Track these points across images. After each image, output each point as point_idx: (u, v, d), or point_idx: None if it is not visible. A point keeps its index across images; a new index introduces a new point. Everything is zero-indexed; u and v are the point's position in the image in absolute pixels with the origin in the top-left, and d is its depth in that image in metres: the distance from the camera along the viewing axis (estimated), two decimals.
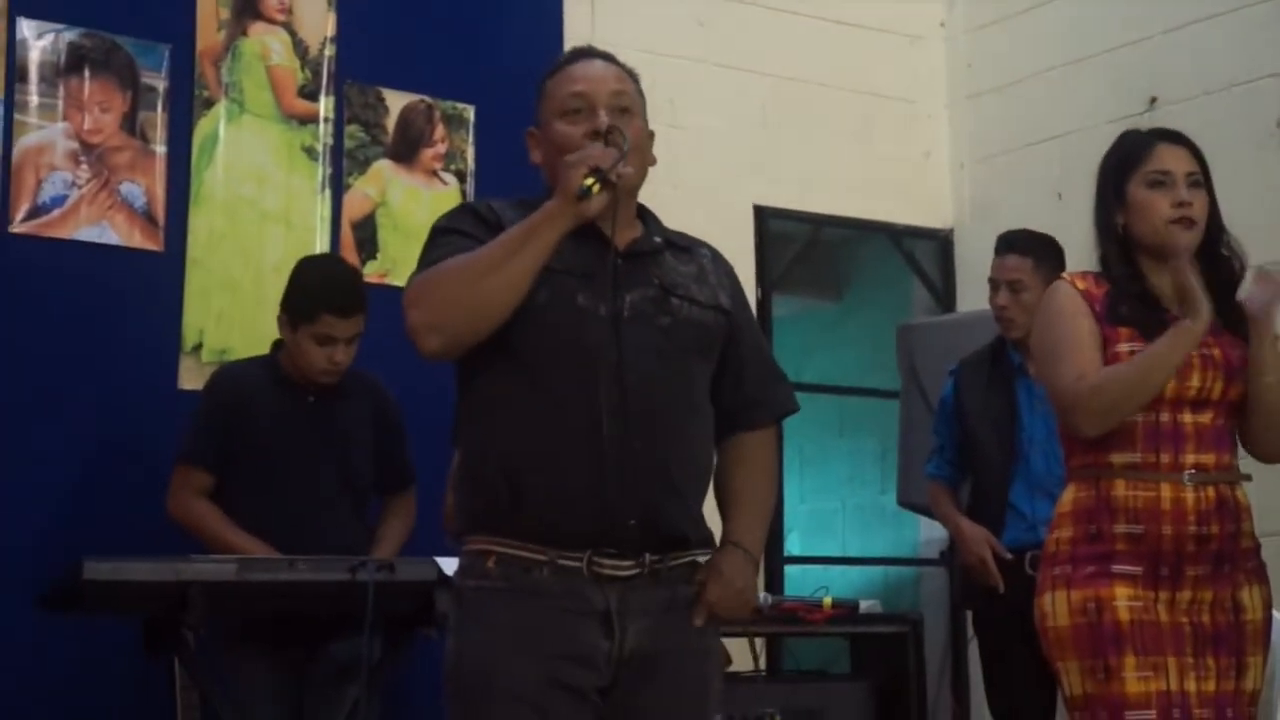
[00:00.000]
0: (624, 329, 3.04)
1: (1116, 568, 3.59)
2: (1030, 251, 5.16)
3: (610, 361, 3.00)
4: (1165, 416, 3.62)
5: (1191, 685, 3.57)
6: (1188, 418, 3.63)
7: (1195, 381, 3.62)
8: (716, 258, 3.29)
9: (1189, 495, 3.60)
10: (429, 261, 3.06)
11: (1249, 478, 3.71)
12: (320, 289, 4.86)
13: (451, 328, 2.98)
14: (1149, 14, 6.63)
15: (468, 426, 3.14)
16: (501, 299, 2.96)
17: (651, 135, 3.22)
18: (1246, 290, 3.65)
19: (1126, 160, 3.77)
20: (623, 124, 3.09)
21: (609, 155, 2.97)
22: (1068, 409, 3.64)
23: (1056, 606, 3.65)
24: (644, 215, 3.24)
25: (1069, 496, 3.71)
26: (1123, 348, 3.64)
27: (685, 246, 3.25)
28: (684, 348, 3.11)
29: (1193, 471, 3.61)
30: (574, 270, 3.04)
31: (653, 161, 3.21)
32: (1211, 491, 3.62)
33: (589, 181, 2.92)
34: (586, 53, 3.25)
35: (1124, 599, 3.57)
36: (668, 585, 3.06)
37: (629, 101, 3.16)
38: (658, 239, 3.19)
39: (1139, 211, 3.71)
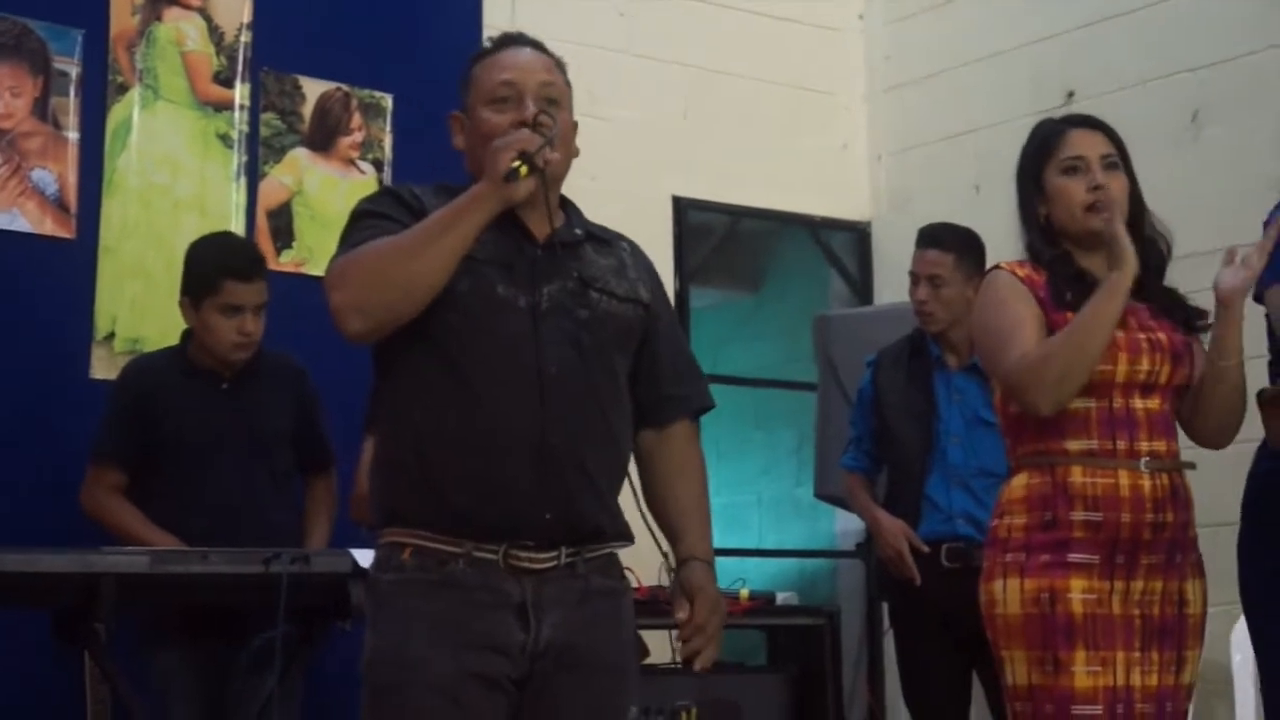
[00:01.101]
0: (542, 320, 3.04)
1: (1073, 556, 3.57)
2: (952, 247, 5.15)
3: (529, 353, 3.00)
4: (1118, 402, 3.62)
5: (1136, 679, 3.58)
6: (1139, 403, 3.63)
7: (1145, 365, 3.62)
8: (636, 251, 3.29)
9: (1146, 482, 3.60)
10: (351, 244, 3.04)
11: (1194, 466, 3.72)
12: (217, 258, 4.85)
13: (375, 309, 2.96)
14: (1066, 9, 6.67)
15: (385, 415, 3.13)
16: (426, 281, 2.94)
17: (575, 126, 3.21)
18: (1221, 271, 3.63)
19: (1041, 149, 3.77)
20: (550, 115, 3.08)
21: (535, 140, 2.96)
22: (1021, 388, 3.60)
23: (1008, 594, 3.62)
24: (566, 207, 3.23)
25: (1020, 483, 3.68)
26: None
27: (606, 239, 3.24)
28: (602, 340, 3.09)
29: (1149, 458, 3.61)
30: (495, 260, 3.03)
31: (576, 153, 3.20)
32: (1166, 479, 3.63)
33: (516, 164, 2.92)
34: (517, 40, 3.22)
35: (1079, 591, 3.56)
36: (583, 577, 3.06)
37: (557, 93, 3.14)
38: (579, 231, 3.19)
39: (1057, 199, 3.72)
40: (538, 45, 3.22)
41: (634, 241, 3.32)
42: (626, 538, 3.16)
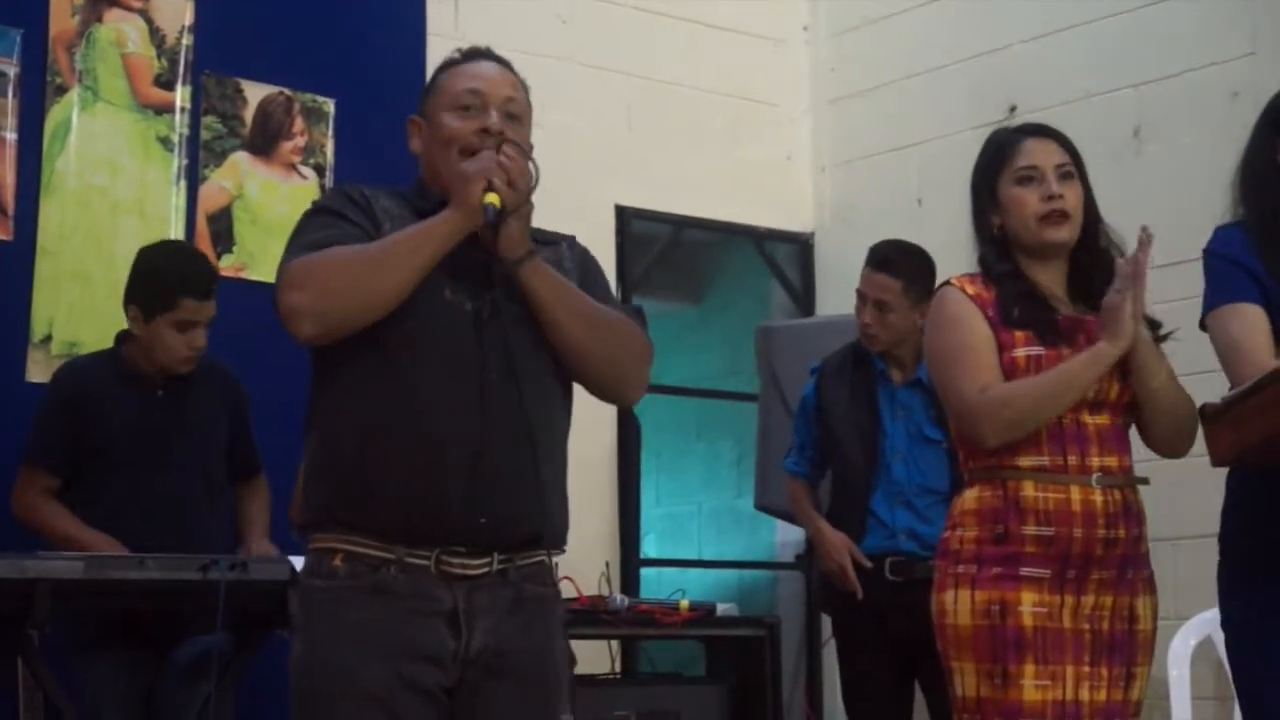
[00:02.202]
0: (485, 326, 3.03)
1: (1025, 570, 3.58)
2: (901, 272, 5.08)
3: (470, 358, 3.01)
4: (1067, 419, 3.62)
5: (1085, 694, 3.58)
6: (1089, 419, 3.64)
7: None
8: (574, 247, 3.31)
9: (1098, 498, 3.60)
10: (306, 242, 3.03)
11: (1147, 481, 3.73)
12: (177, 275, 4.81)
13: (332, 317, 2.96)
14: (1009, 23, 6.69)
15: (321, 417, 3.10)
16: (386, 298, 2.96)
17: (531, 147, 3.21)
18: (1107, 299, 3.65)
19: (996, 158, 3.77)
20: (512, 130, 3.10)
21: (504, 166, 2.99)
22: (972, 421, 3.62)
23: (958, 605, 3.62)
24: None
25: (972, 495, 3.68)
26: (1019, 352, 3.63)
27: (548, 241, 3.24)
28: (541, 344, 3.09)
29: (1100, 474, 3.61)
30: (443, 265, 3.02)
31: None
32: (1118, 494, 3.63)
33: (491, 199, 2.96)
34: (485, 54, 3.24)
35: (1029, 604, 3.56)
36: (515, 584, 3.05)
37: (519, 109, 3.16)
38: None
39: (1011, 210, 3.71)
40: (505, 63, 3.23)
41: (574, 238, 3.33)
42: (560, 545, 3.14)
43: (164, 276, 4.81)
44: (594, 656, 5.83)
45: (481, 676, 3.01)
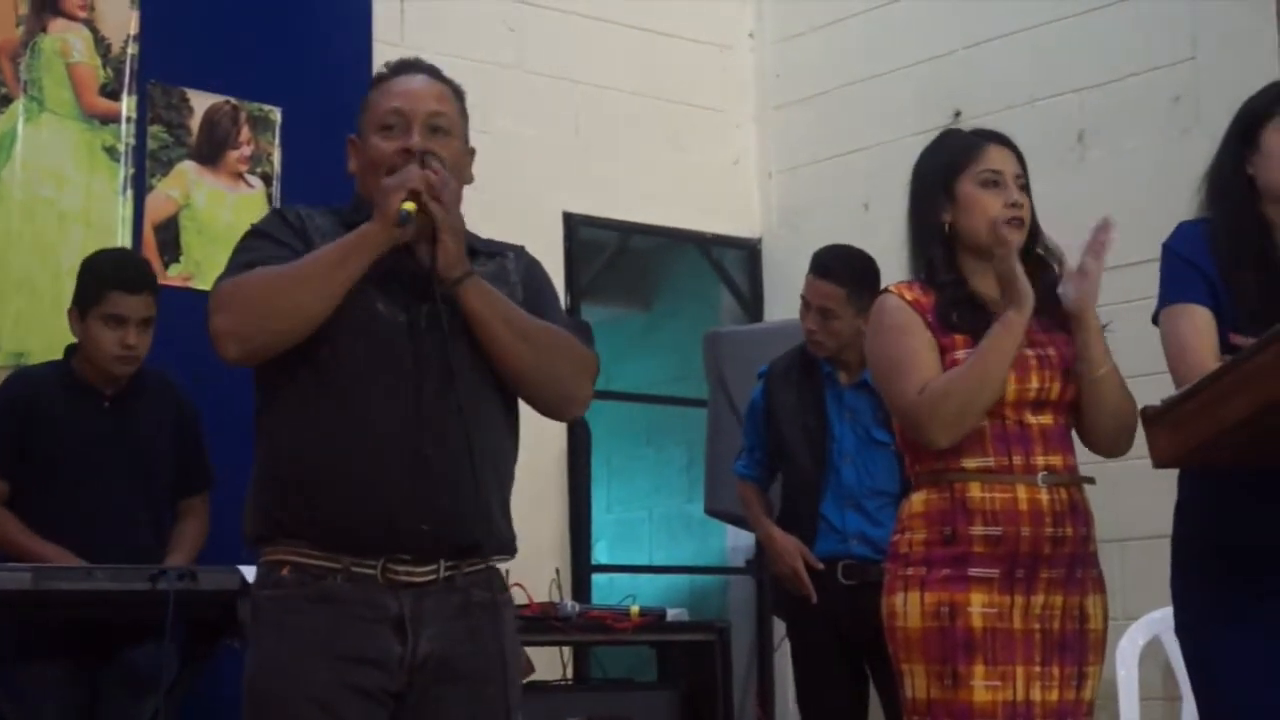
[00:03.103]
0: (421, 336, 3.05)
1: (973, 571, 3.59)
2: (845, 279, 5.09)
3: (406, 368, 3.03)
4: (1011, 419, 3.65)
5: (1036, 694, 3.59)
6: (1032, 419, 3.66)
7: (1035, 382, 3.66)
8: (521, 255, 3.31)
9: (1044, 497, 3.62)
10: (236, 265, 3.06)
11: (1093, 480, 3.75)
12: (105, 269, 4.85)
13: (255, 338, 2.99)
14: (953, 28, 6.72)
15: (264, 432, 3.13)
16: (308, 314, 2.98)
17: (472, 153, 3.23)
18: (1062, 286, 3.68)
19: (958, 158, 3.77)
20: (437, 143, 3.11)
21: (426, 179, 2.99)
22: (918, 423, 3.63)
23: (908, 608, 3.63)
24: None
25: (919, 499, 3.69)
26: (959, 355, 3.65)
27: (495, 252, 3.26)
28: (480, 351, 3.10)
29: (1045, 473, 3.64)
30: (374, 278, 3.04)
31: (470, 179, 3.22)
32: (1064, 493, 3.65)
33: (408, 206, 2.96)
34: (411, 66, 3.24)
35: (979, 605, 3.58)
36: (463, 590, 3.07)
37: (446, 122, 3.16)
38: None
39: (969, 209, 3.71)
40: (433, 72, 3.23)
41: (521, 247, 3.34)
42: (508, 551, 3.17)
43: (94, 272, 4.84)
44: (545, 663, 5.83)
45: (430, 682, 3.03)
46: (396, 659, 3.01)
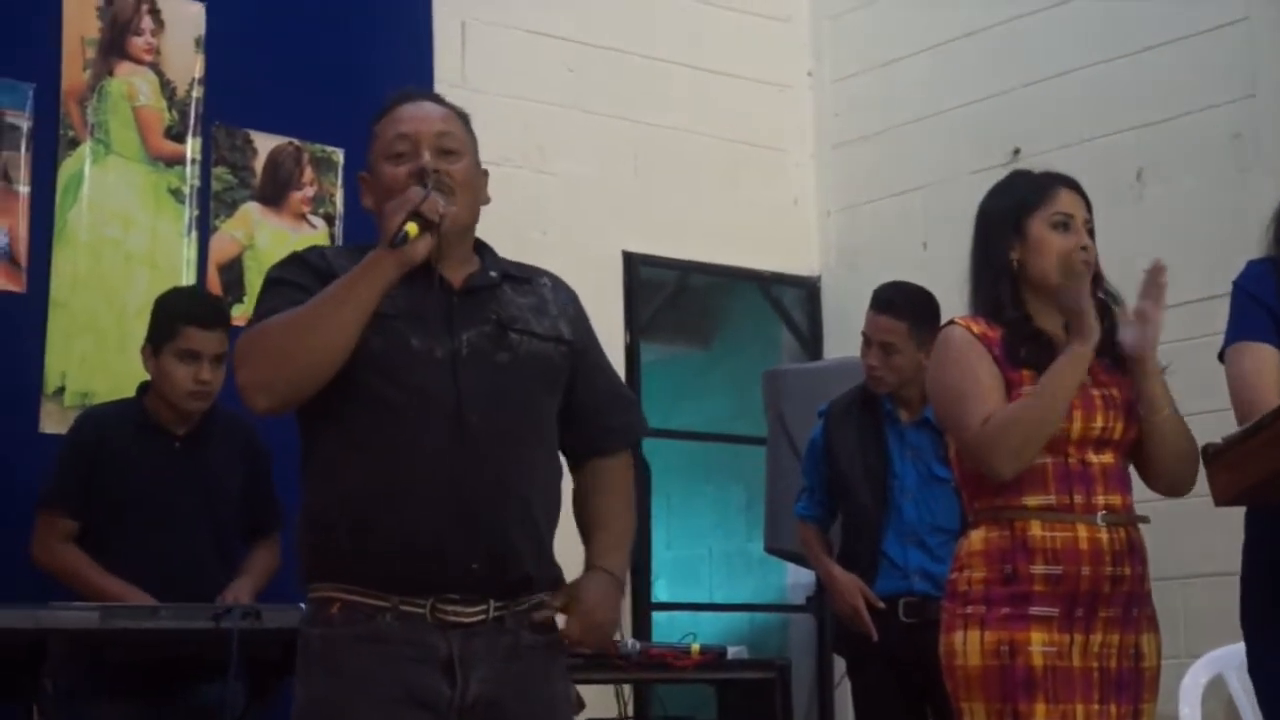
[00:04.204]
0: (461, 369, 3.03)
1: (1034, 609, 3.59)
2: (906, 314, 5.11)
3: (449, 403, 3.00)
4: (1073, 458, 3.65)
5: None
6: (1094, 458, 3.67)
7: (1100, 421, 3.67)
8: (557, 285, 3.28)
9: (1104, 536, 3.62)
10: (259, 315, 3.06)
11: (1147, 520, 3.75)
12: (180, 305, 4.89)
13: (278, 386, 2.97)
14: (1011, 66, 6.73)
15: (310, 474, 3.12)
16: (326, 355, 2.95)
17: (485, 174, 3.22)
18: (1121, 331, 3.69)
19: (1031, 198, 3.78)
20: (447, 164, 3.10)
21: (423, 195, 2.98)
22: (982, 453, 3.63)
23: (968, 646, 3.64)
24: (481, 250, 3.24)
25: (979, 536, 3.70)
26: (1026, 390, 3.65)
27: (525, 278, 3.23)
28: (525, 383, 3.10)
29: (1105, 512, 3.64)
30: (405, 313, 3.03)
31: (486, 200, 3.21)
32: (1123, 532, 3.66)
33: (408, 227, 2.93)
34: (412, 94, 3.24)
35: (1039, 644, 3.58)
36: (513, 632, 3.05)
37: (454, 143, 3.15)
38: (494, 273, 3.18)
39: (1039, 249, 3.73)
40: (435, 97, 3.25)
41: (555, 275, 3.31)
42: (555, 588, 3.15)
43: (168, 309, 4.88)
44: (605, 701, 5.84)
45: None
46: (446, 701, 2.98)
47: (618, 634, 5.81)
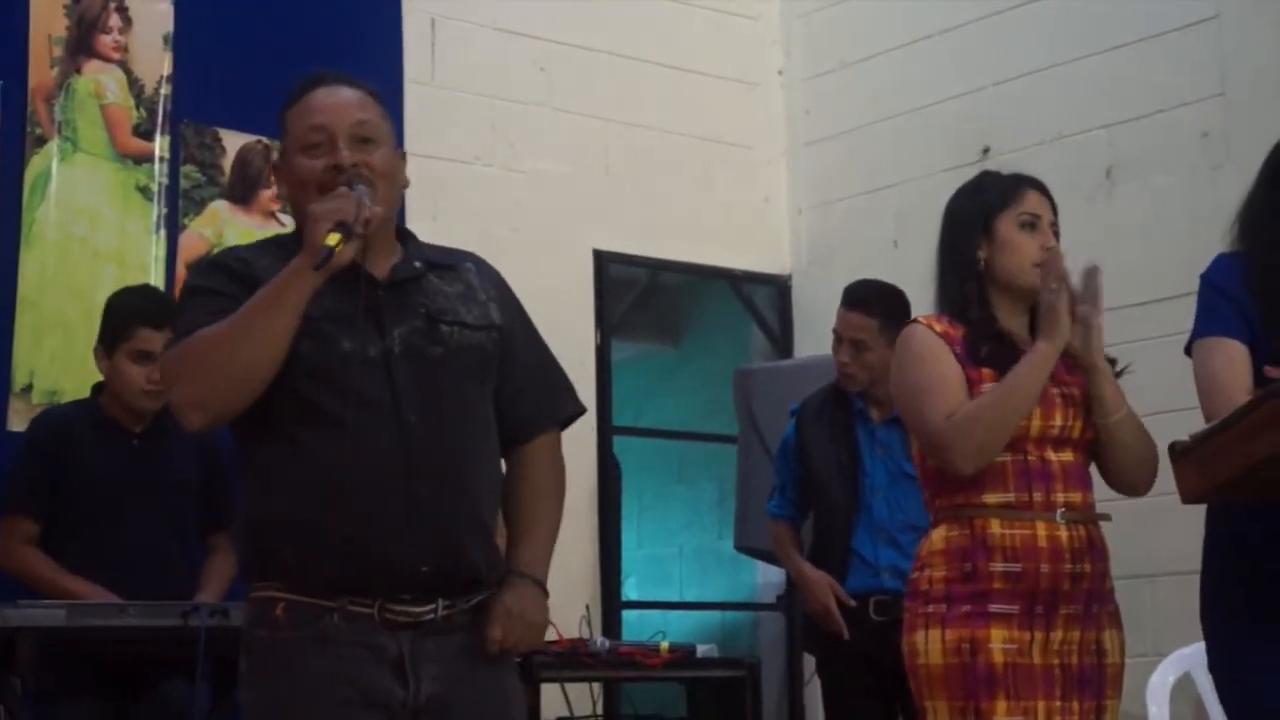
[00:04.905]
0: (396, 367, 2.98)
1: (994, 607, 3.61)
2: (877, 311, 5.13)
3: (386, 405, 2.95)
4: (1033, 455, 3.67)
5: None
6: (1053, 456, 3.68)
7: (1059, 420, 3.68)
8: (482, 268, 3.21)
9: (1063, 534, 3.64)
10: (184, 328, 2.97)
11: (1109, 518, 3.76)
12: (131, 306, 4.88)
13: (212, 403, 2.91)
14: (982, 65, 6.73)
15: (249, 483, 3.04)
16: (256, 368, 2.88)
17: (403, 157, 3.14)
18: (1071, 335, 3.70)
19: (999, 198, 3.81)
20: (365, 155, 3.01)
21: (350, 208, 2.87)
22: (943, 449, 3.64)
23: (929, 645, 3.65)
24: (403, 236, 3.17)
25: (939, 535, 3.72)
26: (987, 388, 3.66)
27: (449, 264, 3.16)
28: (460, 376, 3.04)
29: (1064, 510, 3.66)
30: (333, 315, 2.95)
31: (405, 183, 3.14)
32: (1083, 530, 3.67)
33: (332, 241, 2.82)
34: (324, 79, 3.13)
35: (999, 641, 3.60)
36: (463, 630, 3.01)
37: (371, 130, 3.06)
38: (418, 263, 3.11)
39: (1007, 249, 3.75)
40: (348, 80, 3.14)
41: (478, 257, 3.24)
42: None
43: (120, 309, 4.88)
44: (576, 699, 5.84)
45: None
46: (399, 701, 2.94)
47: (587, 631, 5.82)
